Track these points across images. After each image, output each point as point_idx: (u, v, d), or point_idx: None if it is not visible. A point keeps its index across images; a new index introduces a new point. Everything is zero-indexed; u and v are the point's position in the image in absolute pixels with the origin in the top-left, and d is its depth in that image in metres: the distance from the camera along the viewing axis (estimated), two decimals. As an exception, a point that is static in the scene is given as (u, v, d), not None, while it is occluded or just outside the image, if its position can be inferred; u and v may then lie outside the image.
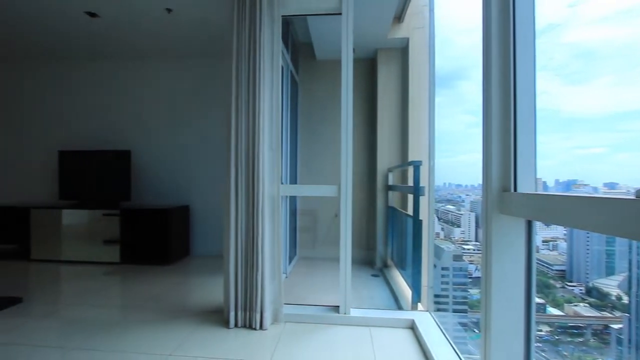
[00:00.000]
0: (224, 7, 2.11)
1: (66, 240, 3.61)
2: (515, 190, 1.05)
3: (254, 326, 1.98)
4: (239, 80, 2.05)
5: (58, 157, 3.95)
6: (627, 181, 0.94)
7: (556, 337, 1.47)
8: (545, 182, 1.13)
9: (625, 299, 1.24)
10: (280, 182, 2.09)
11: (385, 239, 3.66)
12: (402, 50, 3.67)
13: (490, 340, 1.04)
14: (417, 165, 2.40)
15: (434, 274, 2.27)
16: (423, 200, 2.38)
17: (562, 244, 1.54)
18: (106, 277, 3.10)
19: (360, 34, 3.23)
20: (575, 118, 1.19)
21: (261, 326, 1.99)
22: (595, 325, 1.36)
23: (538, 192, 0.96)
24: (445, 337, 1.80)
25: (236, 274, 2.03)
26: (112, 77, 4.18)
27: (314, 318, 2.11)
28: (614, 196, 0.67)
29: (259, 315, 1.99)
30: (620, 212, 0.63)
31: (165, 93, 4.11)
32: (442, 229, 2.68)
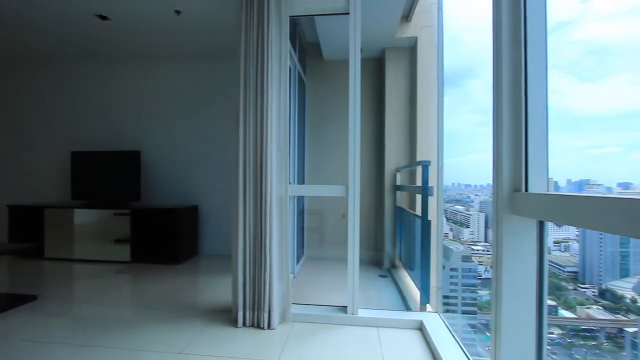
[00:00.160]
0: (232, 9, 2.12)
1: (78, 239, 3.68)
2: (526, 190, 1.03)
3: (262, 326, 1.99)
4: (247, 81, 2.06)
5: (70, 158, 4.03)
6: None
7: (568, 340, 1.44)
8: (556, 182, 1.11)
9: (640, 302, 1.21)
10: (288, 182, 2.10)
11: (393, 240, 3.64)
12: (410, 49, 3.65)
13: (500, 343, 1.02)
14: (426, 165, 2.38)
15: (442, 274, 2.25)
16: (431, 200, 2.36)
17: (574, 245, 1.52)
18: (117, 276, 3.15)
19: (368, 33, 3.22)
20: (588, 117, 1.17)
21: (269, 326, 1.99)
22: (608, 329, 1.33)
23: (550, 192, 0.95)
24: (455, 339, 1.78)
25: (244, 274, 2.05)
26: (123, 79, 4.25)
27: (321, 318, 2.11)
28: (628, 196, 0.66)
29: (266, 315, 2.00)
30: (635, 213, 0.61)
31: (175, 94, 4.16)
32: (451, 230, 2.66)
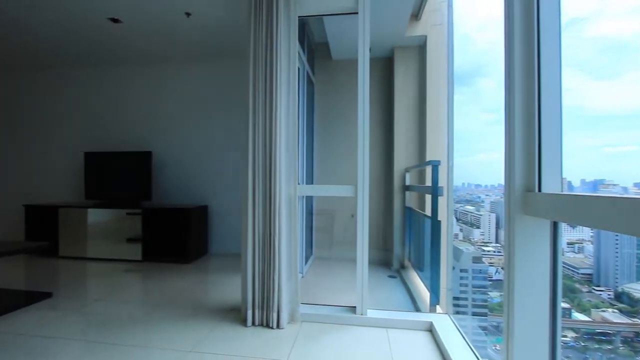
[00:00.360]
0: (241, 10, 2.14)
1: (91, 238, 3.76)
2: (539, 190, 1.01)
3: (271, 325, 2.00)
4: (256, 81, 2.07)
5: (84, 158, 4.11)
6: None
7: (582, 344, 1.41)
8: (570, 182, 1.08)
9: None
10: (297, 183, 2.10)
11: (402, 240, 3.62)
12: (420, 48, 3.62)
13: (513, 345, 1.01)
14: (436, 165, 2.36)
15: (452, 276, 2.23)
16: (441, 200, 2.34)
17: (589, 246, 1.48)
18: (129, 274, 3.20)
19: (377, 32, 3.21)
20: (603, 115, 1.14)
21: (278, 325, 2.00)
22: (625, 332, 1.30)
23: (565, 193, 0.93)
24: (465, 341, 1.76)
25: (253, 273, 2.06)
26: (135, 81, 4.32)
27: (330, 318, 2.11)
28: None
29: (275, 315, 2.00)
30: (654, 214, 0.60)
31: (184, 95, 4.21)
32: (461, 230, 2.63)
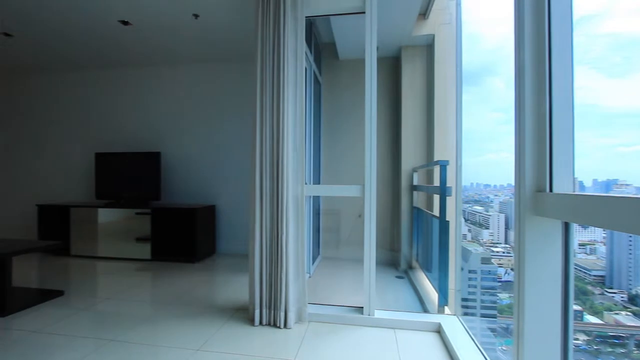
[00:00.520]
0: (249, 11, 2.15)
1: (102, 238, 3.82)
2: (550, 190, 1.00)
3: (279, 324, 2.01)
4: (264, 82, 2.08)
5: (95, 159, 4.18)
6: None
7: (595, 347, 1.38)
8: (581, 182, 1.06)
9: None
10: (304, 183, 2.11)
11: (410, 240, 3.60)
12: (428, 47, 3.59)
13: (523, 348, 0.99)
14: (444, 164, 2.34)
15: (461, 276, 2.21)
16: (450, 200, 2.31)
17: (601, 247, 1.45)
18: (138, 273, 3.24)
19: (384, 32, 3.19)
20: (617, 113, 1.12)
21: (285, 325, 2.01)
22: (639, 336, 1.27)
23: (577, 193, 0.91)
24: (474, 343, 1.74)
25: (261, 273, 2.07)
26: (144, 83, 4.37)
27: (337, 318, 2.11)
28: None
29: (283, 314, 2.01)
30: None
31: (192, 96, 4.25)
32: (469, 231, 2.60)
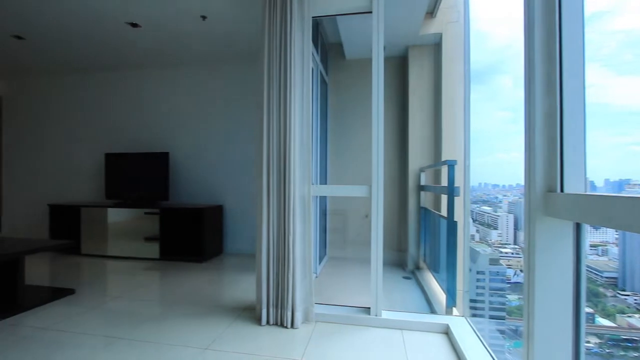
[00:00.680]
0: (256, 12, 2.16)
1: (111, 237, 3.87)
2: (561, 190, 0.98)
3: (286, 324, 2.01)
4: (270, 82, 2.09)
5: (104, 159, 4.24)
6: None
7: (607, 351, 1.36)
8: (592, 182, 1.04)
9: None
10: (311, 183, 2.11)
11: (417, 241, 3.57)
12: (435, 46, 3.57)
13: (533, 350, 0.98)
14: (452, 164, 2.32)
15: (469, 277, 2.19)
16: (457, 201, 2.29)
17: (613, 248, 1.43)
18: (147, 272, 3.28)
19: (391, 31, 3.18)
20: (629, 112, 1.09)
21: (292, 324, 2.01)
22: (653, 339, 1.25)
23: (589, 193, 0.89)
24: (483, 344, 1.72)
25: (268, 273, 2.07)
26: (152, 84, 4.42)
27: (344, 319, 2.10)
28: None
29: (290, 314, 2.01)
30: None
31: (200, 97, 4.29)
32: (477, 231, 2.57)
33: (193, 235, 3.68)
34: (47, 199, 4.57)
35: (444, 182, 2.57)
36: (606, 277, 1.40)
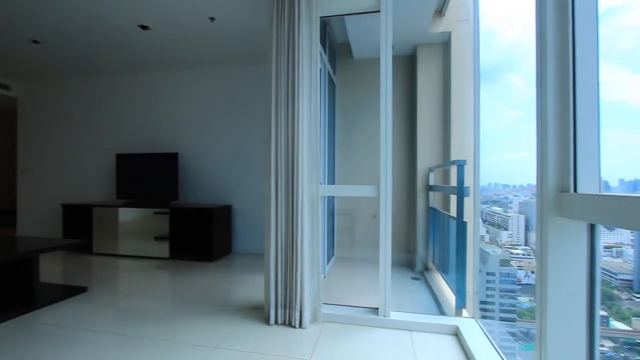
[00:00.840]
0: (263, 12, 2.17)
1: (122, 236, 3.93)
2: (575, 190, 0.96)
3: (294, 324, 2.02)
4: (279, 82, 2.09)
5: (116, 160, 4.31)
6: None
7: (622, 355, 1.33)
8: (606, 182, 1.02)
9: None
10: (319, 183, 2.11)
11: (426, 241, 3.54)
12: (444, 44, 3.53)
13: (546, 354, 0.96)
14: (462, 164, 2.29)
15: (479, 279, 2.16)
16: (467, 201, 2.27)
17: (628, 250, 1.39)
18: (157, 271, 3.32)
19: (399, 30, 3.16)
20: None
21: (300, 324, 2.01)
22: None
23: (604, 193, 0.87)
24: (493, 346, 1.70)
25: (276, 273, 2.08)
26: (161, 86, 4.48)
27: (353, 319, 2.10)
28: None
29: (298, 314, 2.02)
30: None
31: (209, 98, 4.33)
32: (487, 232, 2.54)
33: (202, 235, 3.72)
34: (61, 199, 4.67)
35: (453, 182, 2.55)
36: (621, 280, 1.37)
